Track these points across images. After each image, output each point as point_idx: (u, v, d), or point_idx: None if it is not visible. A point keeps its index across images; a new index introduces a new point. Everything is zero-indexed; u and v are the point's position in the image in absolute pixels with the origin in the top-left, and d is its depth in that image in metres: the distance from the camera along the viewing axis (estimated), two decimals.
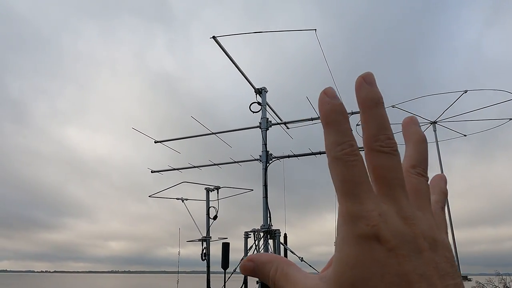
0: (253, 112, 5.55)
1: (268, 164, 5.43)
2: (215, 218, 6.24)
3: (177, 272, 8.42)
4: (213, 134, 6.20)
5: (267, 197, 5.21)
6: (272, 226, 5.15)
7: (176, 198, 6.81)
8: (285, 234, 5.30)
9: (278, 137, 6.10)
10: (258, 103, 5.56)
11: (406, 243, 0.30)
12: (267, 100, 5.73)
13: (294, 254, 5.19)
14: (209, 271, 6.18)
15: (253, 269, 0.37)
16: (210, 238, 6.25)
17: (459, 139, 8.06)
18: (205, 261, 6.18)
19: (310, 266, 5.04)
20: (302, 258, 5.17)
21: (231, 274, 5.41)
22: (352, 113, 4.71)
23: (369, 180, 0.32)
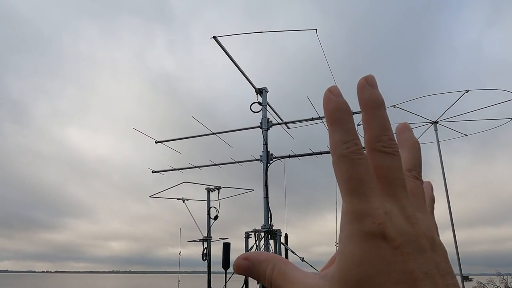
0: (253, 112, 5.55)
1: (269, 164, 5.43)
2: (216, 218, 6.24)
3: (178, 272, 8.42)
4: (213, 134, 6.21)
5: (268, 197, 5.21)
6: (273, 226, 5.15)
7: (176, 198, 6.81)
8: (286, 234, 5.29)
9: (278, 137, 6.10)
10: (259, 103, 5.55)
11: (410, 242, 0.31)
12: (268, 100, 5.73)
13: (295, 254, 5.19)
14: (210, 271, 6.18)
15: (247, 268, 0.36)
16: (211, 238, 6.25)
17: (460, 139, 8.04)
18: (206, 261, 6.18)
19: (311, 266, 5.03)
20: (303, 258, 5.17)
21: (232, 275, 5.41)
22: (353, 113, 4.71)
23: (373, 179, 0.32)
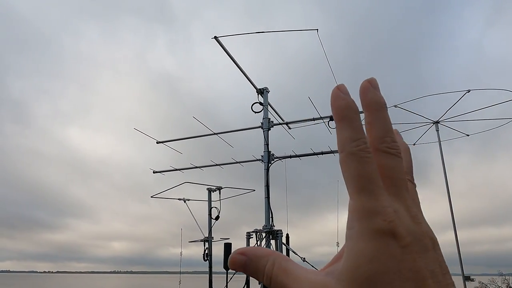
0: (254, 112, 5.54)
1: (270, 164, 5.43)
2: (217, 218, 6.24)
3: (179, 272, 8.43)
4: (214, 134, 6.21)
5: (269, 197, 5.21)
6: (274, 226, 5.15)
7: (178, 199, 6.80)
8: (287, 235, 5.29)
9: (279, 137, 6.10)
10: (260, 103, 5.55)
11: (417, 241, 0.31)
12: (269, 100, 5.73)
13: (296, 254, 5.19)
14: (211, 272, 6.18)
15: (244, 263, 0.35)
16: (212, 238, 6.25)
17: (461, 139, 8.02)
18: (207, 261, 6.18)
19: (313, 267, 5.02)
20: (304, 258, 5.17)
21: (233, 275, 5.41)
22: None
23: (380, 177, 0.33)
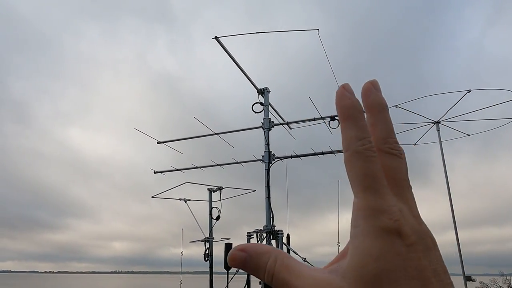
0: (255, 112, 5.54)
1: (270, 164, 5.43)
2: (218, 218, 6.24)
3: (180, 272, 8.44)
4: (215, 134, 6.21)
5: (270, 197, 5.21)
6: (274, 226, 5.14)
7: (178, 199, 6.81)
8: (288, 235, 5.29)
9: (280, 137, 6.10)
10: (261, 103, 5.55)
11: (421, 240, 0.32)
12: (270, 100, 5.72)
13: (297, 254, 5.19)
14: (212, 272, 6.18)
15: (244, 260, 0.34)
16: (213, 238, 6.25)
17: (462, 139, 8.02)
18: (208, 261, 6.19)
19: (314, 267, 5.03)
20: (305, 258, 5.17)
21: (234, 275, 5.41)
22: None
23: (384, 177, 0.33)
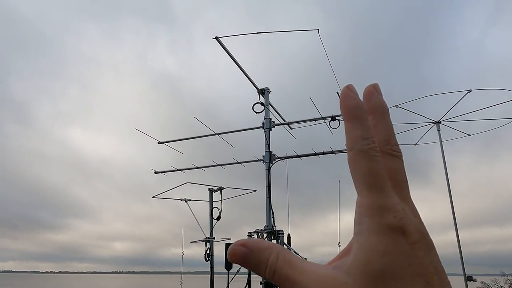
0: (256, 112, 5.54)
1: (271, 164, 5.43)
2: (219, 218, 6.24)
3: (181, 272, 8.44)
4: (216, 134, 6.21)
5: (271, 197, 5.21)
6: (275, 226, 5.15)
7: (179, 199, 6.81)
8: (288, 235, 5.29)
9: (281, 137, 6.10)
10: (261, 104, 5.55)
11: (423, 239, 0.33)
12: (270, 100, 5.72)
13: (298, 254, 5.19)
14: (212, 272, 6.18)
15: (245, 255, 0.34)
16: (214, 238, 6.25)
17: (463, 139, 8.02)
18: (208, 261, 6.19)
19: None
20: (306, 258, 5.15)
21: (235, 275, 5.41)
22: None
23: (387, 177, 0.34)
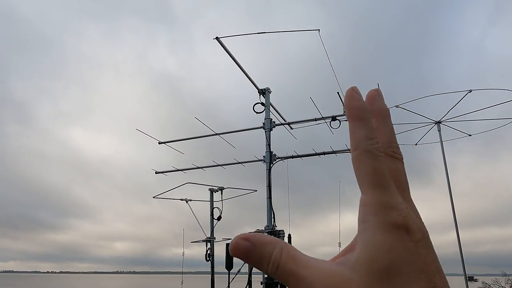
0: (256, 112, 5.55)
1: (272, 164, 5.43)
2: (219, 218, 6.25)
3: (181, 272, 8.43)
4: (216, 135, 6.22)
5: (271, 197, 5.21)
6: (276, 226, 5.14)
7: (180, 199, 6.81)
8: (289, 235, 5.29)
9: (281, 137, 6.10)
10: (262, 104, 5.55)
11: (425, 237, 0.34)
12: (271, 100, 5.72)
13: None
14: (213, 272, 6.19)
15: (247, 249, 0.34)
16: (214, 238, 6.25)
17: (464, 139, 8.01)
18: (209, 261, 6.19)
19: None
20: None
21: (236, 275, 5.41)
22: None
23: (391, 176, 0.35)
